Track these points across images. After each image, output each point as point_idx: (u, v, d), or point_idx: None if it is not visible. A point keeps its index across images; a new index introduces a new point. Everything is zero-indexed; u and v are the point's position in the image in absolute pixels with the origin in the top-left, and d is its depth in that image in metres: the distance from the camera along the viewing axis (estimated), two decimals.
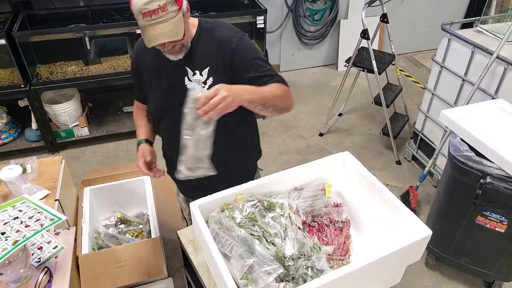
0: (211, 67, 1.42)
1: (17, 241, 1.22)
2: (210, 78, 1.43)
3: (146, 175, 1.54)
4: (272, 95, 1.35)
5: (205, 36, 1.43)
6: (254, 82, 1.38)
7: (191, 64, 1.43)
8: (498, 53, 2.28)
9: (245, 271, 1.07)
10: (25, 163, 1.94)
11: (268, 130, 3.63)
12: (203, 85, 1.44)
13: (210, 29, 1.44)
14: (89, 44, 3.21)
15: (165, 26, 1.25)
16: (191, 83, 1.42)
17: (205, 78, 1.43)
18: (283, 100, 1.40)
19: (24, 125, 3.42)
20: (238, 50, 1.40)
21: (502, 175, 1.83)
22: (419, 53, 5.00)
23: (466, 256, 2.18)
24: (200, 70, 1.43)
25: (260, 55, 1.45)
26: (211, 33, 1.43)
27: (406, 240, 1.14)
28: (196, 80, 1.44)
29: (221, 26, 1.46)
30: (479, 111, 2.12)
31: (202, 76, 1.43)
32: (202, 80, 1.44)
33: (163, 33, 1.25)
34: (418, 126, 3.12)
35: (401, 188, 2.99)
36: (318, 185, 1.41)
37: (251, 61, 1.41)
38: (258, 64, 1.42)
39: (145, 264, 1.81)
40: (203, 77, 1.44)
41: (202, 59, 1.43)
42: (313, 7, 4.22)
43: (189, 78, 1.44)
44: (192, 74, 1.44)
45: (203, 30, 1.43)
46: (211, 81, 1.43)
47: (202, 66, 1.43)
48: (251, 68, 1.41)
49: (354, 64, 3.19)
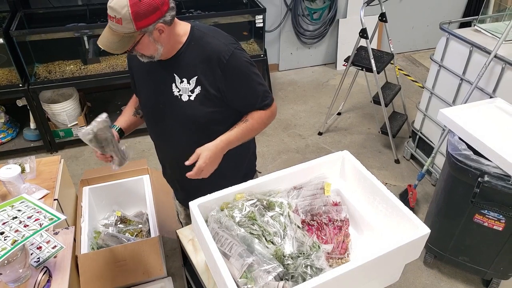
0: (199, 77, 1.40)
1: (16, 240, 1.22)
2: (198, 87, 1.41)
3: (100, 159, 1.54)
4: (250, 132, 1.46)
5: (195, 45, 1.40)
6: (237, 102, 1.45)
7: (179, 71, 1.42)
8: (496, 52, 2.29)
9: (244, 270, 1.07)
10: (23, 162, 1.93)
11: (267, 129, 3.63)
12: (190, 93, 1.42)
13: (200, 38, 1.40)
14: (88, 43, 3.20)
15: (112, 35, 1.26)
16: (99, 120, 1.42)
17: (193, 87, 1.41)
18: (262, 127, 1.51)
19: (22, 124, 3.42)
20: (230, 65, 1.37)
21: (500, 173, 1.84)
22: (418, 52, 5.01)
23: (464, 254, 2.19)
24: (187, 79, 1.41)
25: (251, 71, 1.43)
26: (202, 43, 1.40)
27: (404, 239, 1.15)
28: (183, 88, 1.42)
29: (213, 36, 1.42)
30: (477, 110, 2.13)
31: (190, 85, 1.42)
32: (189, 88, 1.42)
33: (105, 40, 1.27)
34: (416, 125, 3.12)
35: (399, 186, 3.00)
36: (317, 184, 1.42)
37: (241, 78, 1.42)
38: (248, 83, 1.43)
39: (145, 263, 1.81)
40: (190, 86, 1.42)
41: (190, 68, 1.40)
42: (312, 6, 4.22)
43: (176, 85, 1.43)
44: (179, 81, 1.42)
45: (193, 39, 1.40)
46: (198, 90, 1.41)
47: (190, 74, 1.41)
48: (241, 87, 1.43)
49: (353, 63, 3.20)
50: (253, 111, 1.48)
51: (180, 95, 1.43)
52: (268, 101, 1.49)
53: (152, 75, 1.47)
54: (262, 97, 1.47)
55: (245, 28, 3.69)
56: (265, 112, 1.49)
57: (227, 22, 3.33)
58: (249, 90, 1.45)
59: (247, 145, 1.64)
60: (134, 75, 1.57)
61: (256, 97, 1.46)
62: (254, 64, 1.46)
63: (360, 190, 1.42)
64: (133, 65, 1.55)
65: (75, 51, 3.27)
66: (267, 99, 1.49)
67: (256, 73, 1.46)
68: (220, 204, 1.29)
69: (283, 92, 4.19)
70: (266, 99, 1.48)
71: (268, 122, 1.52)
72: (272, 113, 1.52)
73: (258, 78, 1.46)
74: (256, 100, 1.46)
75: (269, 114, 1.50)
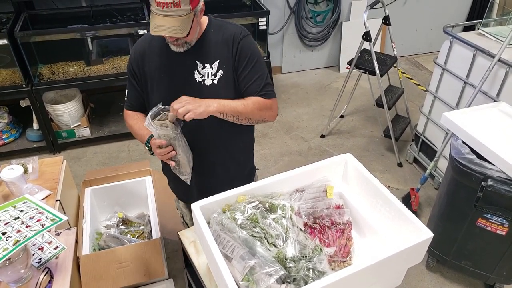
0: (221, 60, 1.45)
1: (18, 241, 1.22)
2: (220, 71, 1.46)
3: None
4: (246, 109, 1.43)
5: (215, 31, 1.47)
6: (242, 83, 1.46)
7: (201, 58, 1.45)
8: (500, 56, 2.28)
9: (246, 273, 1.07)
10: (26, 163, 1.94)
11: (269, 132, 3.63)
12: (213, 77, 1.46)
13: (219, 26, 1.48)
14: (91, 44, 3.22)
15: (172, 21, 1.27)
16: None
17: (215, 70, 1.46)
18: (258, 114, 1.48)
19: (25, 125, 3.43)
20: (243, 44, 1.45)
21: (504, 177, 1.83)
22: (421, 55, 5.00)
23: (467, 259, 2.18)
24: (210, 63, 1.45)
25: (260, 56, 1.50)
26: (220, 29, 1.47)
27: (407, 242, 1.14)
28: (206, 73, 1.46)
29: (229, 23, 1.51)
30: (480, 113, 2.12)
31: (212, 69, 1.46)
32: (212, 72, 1.46)
33: (167, 27, 1.28)
34: (419, 129, 3.12)
35: (402, 190, 2.99)
36: (320, 186, 1.41)
37: (250, 59, 1.46)
38: (254, 66, 1.47)
39: (146, 265, 1.81)
40: (213, 70, 1.46)
41: (211, 53, 1.45)
42: (315, 9, 4.22)
43: (198, 71, 1.46)
44: (202, 67, 1.45)
45: (212, 26, 1.47)
46: (221, 74, 1.46)
47: (212, 59, 1.45)
48: (247, 67, 1.46)
49: (356, 66, 3.19)
50: (253, 96, 1.48)
51: (203, 80, 1.46)
52: (270, 92, 1.50)
53: (171, 67, 1.48)
54: (265, 85, 1.49)
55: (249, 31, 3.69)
56: (264, 100, 1.48)
57: None
58: (255, 73, 1.47)
59: (251, 141, 1.71)
60: (148, 78, 1.53)
61: (260, 81, 1.48)
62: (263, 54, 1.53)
63: (363, 193, 1.41)
64: (145, 66, 1.52)
65: (79, 52, 3.28)
66: (269, 90, 1.50)
67: (264, 64, 1.51)
68: (222, 206, 1.29)
69: (286, 95, 4.19)
70: (268, 88, 1.50)
71: (265, 114, 1.50)
72: (271, 107, 1.51)
73: (265, 68, 1.51)
74: (259, 84, 1.47)
75: (268, 105, 1.50)
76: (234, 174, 1.67)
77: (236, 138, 1.60)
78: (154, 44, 1.49)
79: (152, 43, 1.49)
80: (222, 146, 1.59)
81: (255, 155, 1.81)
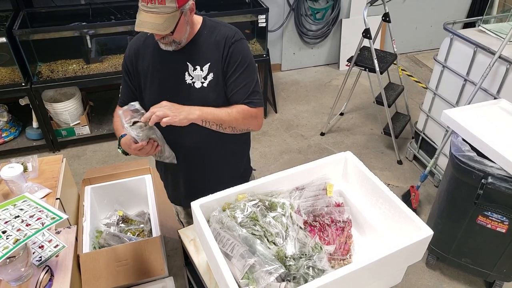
0: (212, 62, 1.43)
1: (18, 239, 1.22)
2: (211, 74, 1.44)
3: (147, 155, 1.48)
4: (229, 118, 1.41)
5: (208, 33, 1.44)
6: (229, 88, 1.44)
7: (192, 59, 1.44)
8: (501, 53, 2.27)
9: (246, 271, 1.07)
10: (26, 161, 1.93)
11: (269, 130, 3.63)
12: (203, 80, 1.44)
13: (213, 27, 1.46)
14: (90, 42, 3.21)
15: (156, 17, 1.26)
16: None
17: (206, 73, 1.44)
18: (243, 123, 1.45)
19: (25, 123, 3.43)
20: (234, 48, 1.43)
21: (504, 175, 1.83)
22: (421, 52, 5.00)
23: (467, 256, 2.18)
24: (201, 65, 1.44)
25: (252, 63, 1.47)
26: (214, 30, 1.45)
27: (407, 240, 1.14)
28: (196, 75, 1.44)
29: (224, 25, 1.48)
30: (481, 111, 2.12)
31: (203, 72, 1.44)
32: (202, 75, 1.44)
33: (150, 23, 1.27)
34: (419, 126, 3.11)
35: (402, 188, 2.99)
36: (320, 184, 1.41)
37: (240, 65, 1.43)
38: (243, 72, 1.44)
39: (146, 263, 1.81)
40: (203, 72, 1.44)
41: (203, 55, 1.44)
42: (315, 6, 4.21)
43: (189, 73, 1.44)
44: (192, 69, 1.44)
45: (206, 27, 1.45)
46: (211, 77, 1.44)
47: (203, 61, 1.44)
48: (236, 72, 1.43)
49: (356, 64, 3.19)
50: (239, 104, 1.46)
51: (193, 82, 1.44)
52: (256, 101, 1.47)
53: (163, 69, 1.47)
54: (251, 92, 1.45)
55: (248, 28, 3.68)
56: (249, 109, 1.45)
57: (229, 22, 3.33)
58: (243, 80, 1.44)
59: (246, 142, 1.69)
60: (139, 72, 1.53)
61: (247, 89, 1.45)
62: (255, 64, 1.49)
63: (363, 191, 1.41)
64: (138, 64, 1.51)
65: (78, 50, 3.27)
66: (256, 98, 1.47)
67: (255, 70, 1.48)
68: (222, 205, 1.29)
69: (286, 92, 4.19)
70: (255, 97, 1.46)
71: (250, 123, 1.47)
72: (256, 116, 1.48)
73: (256, 75, 1.48)
74: (246, 91, 1.45)
75: (253, 114, 1.46)
76: (227, 176, 1.63)
77: (228, 141, 1.57)
78: (149, 43, 1.47)
79: (147, 41, 1.48)
80: (213, 148, 1.57)
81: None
